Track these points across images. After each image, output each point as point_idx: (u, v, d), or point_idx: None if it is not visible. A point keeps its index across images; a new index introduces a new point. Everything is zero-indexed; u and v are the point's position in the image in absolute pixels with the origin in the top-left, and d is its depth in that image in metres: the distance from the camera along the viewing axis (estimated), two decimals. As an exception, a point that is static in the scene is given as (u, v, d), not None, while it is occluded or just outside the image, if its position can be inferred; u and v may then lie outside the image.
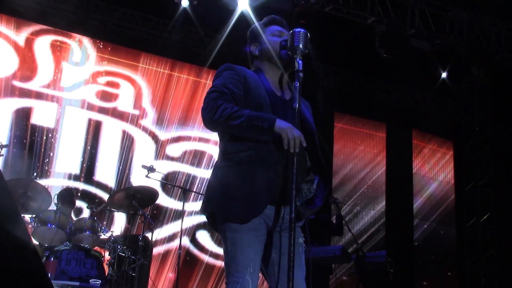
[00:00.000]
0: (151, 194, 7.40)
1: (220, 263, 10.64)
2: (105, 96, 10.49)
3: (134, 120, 10.61)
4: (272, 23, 3.44)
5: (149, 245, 7.72)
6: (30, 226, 6.88)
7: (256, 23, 3.52)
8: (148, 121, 10.76)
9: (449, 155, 13.64)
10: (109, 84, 10.57)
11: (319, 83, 11.79)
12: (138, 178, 9.92)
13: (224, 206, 3.07)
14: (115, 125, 10.49)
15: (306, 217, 3.16)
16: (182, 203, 7.40)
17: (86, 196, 9.73)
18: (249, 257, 3.01)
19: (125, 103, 10.63)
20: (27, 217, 6.96)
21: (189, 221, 10.61)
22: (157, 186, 8.35)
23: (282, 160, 3.03)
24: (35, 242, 6.84)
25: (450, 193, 13.34)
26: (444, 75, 11.86)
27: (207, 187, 3.22)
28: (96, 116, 10.36)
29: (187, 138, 11.02)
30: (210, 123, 3.10)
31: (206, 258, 10.74)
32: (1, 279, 2.52)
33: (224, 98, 3.10)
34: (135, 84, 10.75)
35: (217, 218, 3.13)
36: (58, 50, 10.28)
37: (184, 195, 7.52)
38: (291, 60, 3.16)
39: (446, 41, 10.65)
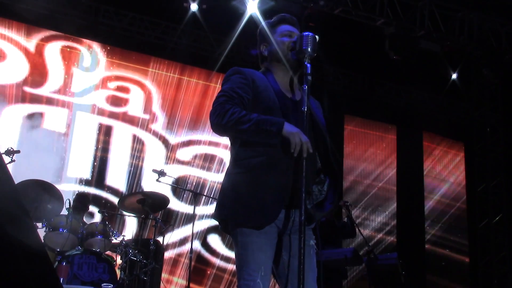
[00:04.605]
0: (162, 201, 7.41)
1: (231, 267, 10.64)
2: (115, 101, 10.53)
3: (144, 125, 10.64)
4: (281, 23, 3.39)
5: (161, 249, 7.74)
6: (42, 231, 6.90)
7: (263, 23, 3.46)
8: (158, 126, 10.79)
9: (460, 157, 13.58)
10: (119, 89, 10.61)
11: (328, 86, 11.78)
12: (149, 183, 9.94)
13: (237, 213, 3.07)
14: (126, 129, 10.52)
15: (316, 219, 3.15)
16: (193, 207, 7.41)
17: (98, 201, 9.76)
18: (260, 260, 3.01)
19: (135, 107, 10.66)
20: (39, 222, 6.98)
21: (200, 225, 10.61)
22: (167, 190, 8.36)
23: (293, 164, 3.02)
24: (47, 247, 6.86)
25: (461, 194, 13.29)
26: (454, 76, 11.86)
27: (220, 193, 3.21)
28: (107, 121, 10.40)
29: (197, 142, 11.04)
30: (218, 128, 3.10)
31: (217, 261, 10.74)
32: (12, 281, 2.53)
33: (232, 102, 3.08)
34: (145, 89, 10.79)
35: (230, 224, 3.14)
36: (68, 55, 10.33)
37: (195, 199, 7.51)
38: (299, 63, 3.16)
39: (456, 42, 10.62)
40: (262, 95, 3.17)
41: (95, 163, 10.16)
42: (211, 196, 10.12)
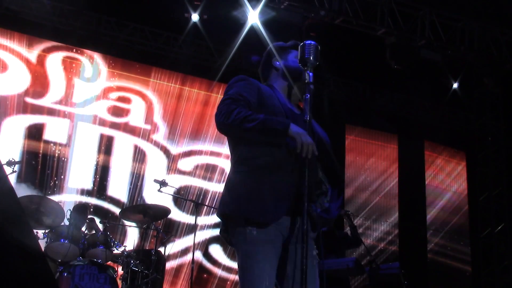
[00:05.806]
0: (163, 211, 7.39)
1: (233, 277, 10.62)
2: (117, 111, 10.54)
3: (145, 135, 10.64)
4: (296, 48, 3.36)
5: (162, 259, 7.71)
6: (43, 241, 6.88)
7: (278, 43, 3.51)
8: (160, 136, 10.79)
9: (462, 166, 13.56)
10: (121, 99, 10.62)
11: (329, 96, 11.79)
12: (150, 193, 9.94)
13: (241, 210, 3.04)
14: (127, 140, 10.52)
15: (320, 228, 3.13)
16: (194, 217, 7.40)
17: (99, 211, 9.75)
18: (265, 270, 2.97)
19: (136, 118, 10.67)
20: (40, 232, 6.97)
21: (202, 235, 10.59)
22: (169, 200, 8.35)
23: (297, 167, 3.00)
24: (48, 257, 6.84)
25: (463, 204, 13.26)
26: (455, 85, 11.87)
27: (224, 191, 3.18)
28: (108, 131, 10.40)
29: (199, 152, 11.04)
30: (224, 127, 3.09)
31: (219, 272, 10.71)
32: (8, 279, 2.54)
33: (238, 104, 3.09)
34: (146, 99, 10.80)
35: (233, 223, 3.10)
36: (69, 66, 10.35)
37: (197, 209, 7.51)
38: (301, 72, 3.16)
39: (457, 51, 10.63)
40: (267, 102, 3.19)
41: (97, 174, 10.16)
42: (213, 206, 10.09)
